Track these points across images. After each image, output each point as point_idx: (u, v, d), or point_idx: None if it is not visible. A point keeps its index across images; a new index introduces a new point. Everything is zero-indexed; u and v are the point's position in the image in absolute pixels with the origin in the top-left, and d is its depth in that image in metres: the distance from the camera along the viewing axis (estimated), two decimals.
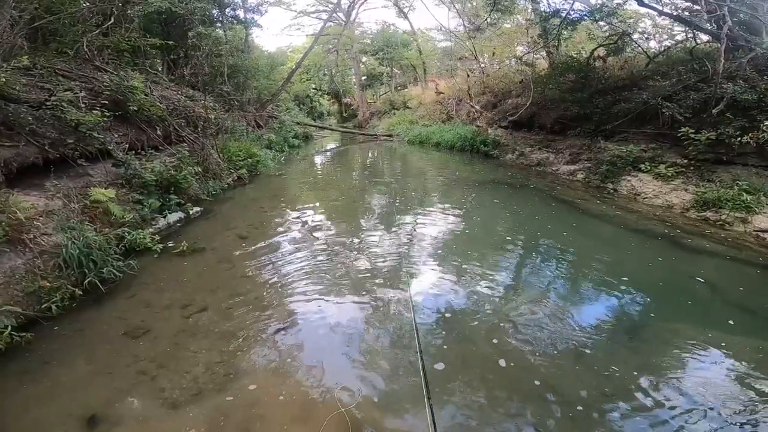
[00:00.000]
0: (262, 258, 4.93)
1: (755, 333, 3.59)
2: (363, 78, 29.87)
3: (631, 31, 12.42)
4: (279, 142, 13.31)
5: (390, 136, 18.87)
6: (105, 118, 5.48)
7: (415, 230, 6.28)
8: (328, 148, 18.08)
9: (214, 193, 7.45)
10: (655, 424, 2.53)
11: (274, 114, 15.68)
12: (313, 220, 6.53)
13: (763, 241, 5.71)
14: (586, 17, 12.31)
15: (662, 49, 11.70)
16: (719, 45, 8.33)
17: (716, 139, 7.40)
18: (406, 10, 23.12)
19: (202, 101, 9.14)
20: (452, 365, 3.02)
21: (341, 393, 2.69)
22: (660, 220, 6.79)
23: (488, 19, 15.43)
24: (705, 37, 10.39)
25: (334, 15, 22.35)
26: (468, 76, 18.41)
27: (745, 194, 6.42)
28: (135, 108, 6.53)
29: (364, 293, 4.08)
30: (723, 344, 3.40)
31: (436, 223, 6.58)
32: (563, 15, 12.15)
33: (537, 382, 2.86)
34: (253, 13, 14.20)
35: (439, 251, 5.34)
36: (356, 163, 14.71)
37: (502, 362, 3.05)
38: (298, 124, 16.81)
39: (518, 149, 11.98)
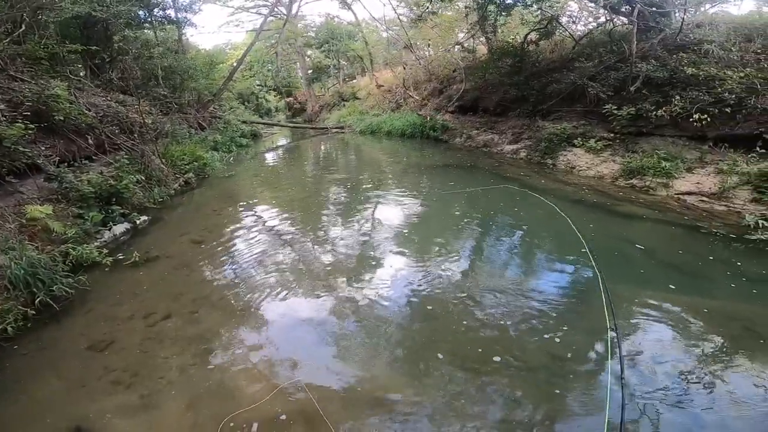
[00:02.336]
0: (222, 260, 4.97)
1: (689, 291, 4.03)
2: (309, 71, 29.45)
3: (560, 15, 13.29)
4: (226, 143, 12.98)
5: (341, 128, 18.95)
6: (29, 131, 5.17)
7: (375, 218, 6.55)
8: (279, 144, 17.81)
9: (160, 200, 7.24)
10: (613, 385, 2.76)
11: (218, 114, 15.21)
12: (270, 218, 6.60)
13: (684, 203, 6.59)
14: (519, 3, 13.09)
15: (586, 32, 12.70)
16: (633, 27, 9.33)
17: (636, 114, 8.35)
18: (349, 1, 23.03)
19: (136, 106, 8.75)
20: (422, 345, 3.26)
21: (317, 389, 2.78)
22: (594, 189, 7.59)
23: (430, 7, 15.90)
24: (622, 20, 11.47)
25: (275, 9, 21.79)
26: (404, 68, 18.87)
27: (664, 162, 7.33)
28: (61, 117, 6.18)
29: (331, 286, 4.22)
30: (665, 304, 3.75)
31: (394, 209, 6.90)
32: (498, 1, 12.84)
33: (500, 349, 3.13)
34: (186, 12, 13.56)
35: (401, 236, 5.61)
36: (309, 157, 14.70)
37: (470, 334, 3.35)
38: (244, 122, 16.38)
39: (465, 132, 12.65)
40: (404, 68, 19.09)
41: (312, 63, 29.95)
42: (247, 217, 6.74)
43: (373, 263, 4.79)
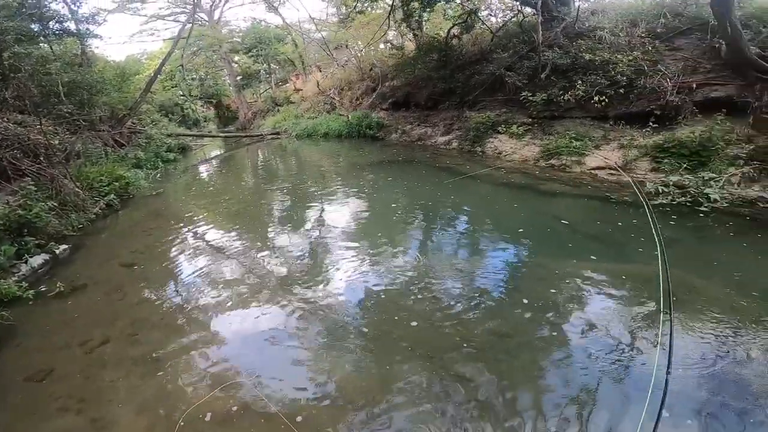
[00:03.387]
0: (159, 281, 4.87)
1: (608, 259, 4.57)
2: (238, 78, 28.56)
3: (479, 9, 14.08)
4: (150, 159, 12.33)
5: (277, 133, 18.74)
6: None
7: (321, 221, 6.71)
8: (212, 156, 17.20)
9: (80, 226, 6.82)
10: (559, 352, 3.11)
11: (137, 129, 14.36)
12: (210, 233, 6.49)
13: (596, 177, 7.53)
14: None
15: (501, 24, 13.78)
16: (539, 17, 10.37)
17: (548, 99, 9.35)
18: (276, 4, 22.71)
19: (38, 126, 8.11)
20: (378, 339, 3.42)
21: (281, 401, 2.81)
22: (520, 172, 8.41)
23: (358, 6, 16.26)
24: (530, 10, 12.55)
25: (195, 16, 20.91)
26: (321, 70, 19.00)
27: (575, 141, 8.32)
28: None
29: (284, 294, 4.26)
30: (593, 274, 4.18)
31: (340, 210, 7.12)
32: None
33: (455, 337, 3.34)
34: (88, 23, 12.65)
35: (350, 236, 5.82)
36: (246, 166, 14.42)
37: (417, 323, 3.57)
38: (169, 136, 15.59)
39: (400, 128, 13.24)
40: (336, 69, 19.36)
41: (240, 69, 29.12)
42: (183, 234, 6.58)
43: (325, 266, 4.93)
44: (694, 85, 7.40)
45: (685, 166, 6.37)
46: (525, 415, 2.58)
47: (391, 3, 15.14)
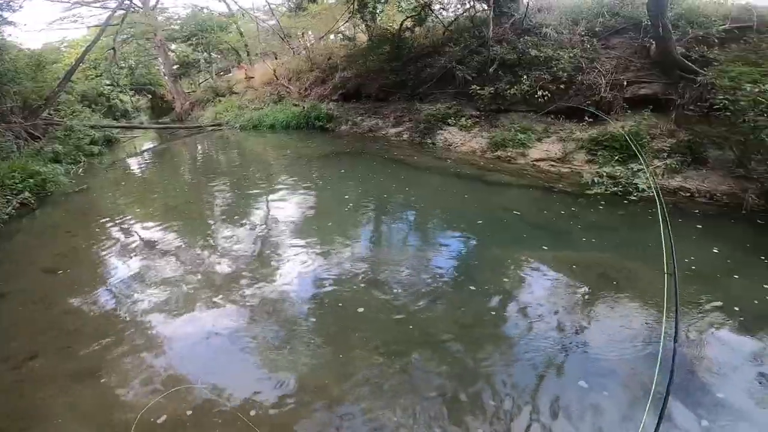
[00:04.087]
0: (89, 286, 4.55)
1: (555, 247, 4.90)
2: (175, 67, 26.90)
3: (432, 2, 14.28)
4: (70, 153, 11.37)
5: (219, 125, 17.98)
6: None
7: (269, 215, 6.62)
8: (144, 149, 16.14)
9: None
10: (511, 337, 3.36)
11: (54, 121, 13.21)
12: (145, 232, 6.15)
13: (539, 168, 8.10)
14: None
15: (453, 18, 14.22)
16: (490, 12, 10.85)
17: (495, 93, 9.86)
18: None
19: None
20: (333, 334, 3.48)
21: (236, 400, 2.80)
22: (469, 163, 8.82)
23: None
24: (482, 6, 13.03)
25: (128, 1, 19.38)
26: (276, 58, 18.64)
27: (519, 134, 8.87)
28: None
29: (232, 291, 4.18)
30: (542, 262, 4.49)
31: (289, 204, 7.04)
32: None
33: (411, 327, 3.47)
34: (3, 9, 11.57)
35: (300, 230, 5.81)
36: (184, 159, 13.72)
37: (372, 316, 3.65)
38: (93, 127, 14.44)
39: (351, 119, 13.32)
40: (285, 58, 18.90)
41: (178, 58, 27.48)
42: (113, 234, 6.18)
43: (274, 261, 4.90)
44: (625, 83, 8.19)
45: (616, 158, 7.05)
46: (486, 406, 2.70)
47: None
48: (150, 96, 29.03)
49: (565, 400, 2.71)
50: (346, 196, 7.23)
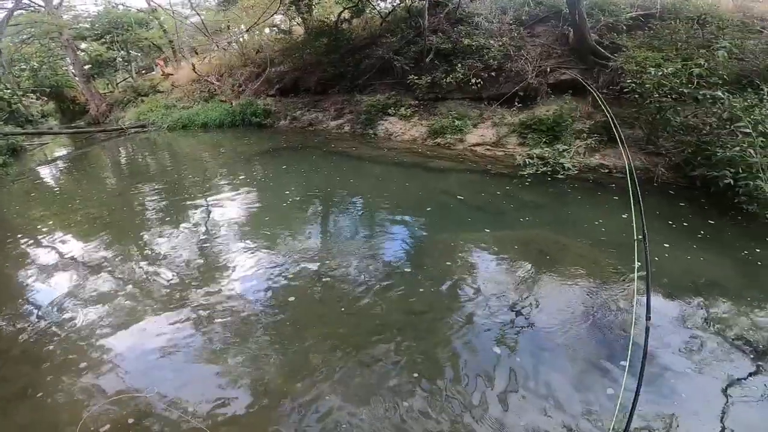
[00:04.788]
0: (7, 308, 4.18)
1: (495, 227, 5.26)
2: (87, 67, 24.97)
3: None
4: None
5: (143, 126, 17.01)
6: None
7: (210, 219, 6.37)
8: (57, 156, 14.90)
9: None
10: (462, 320, 3.48)
11: None
12: (68, 247, 5.61)
13: (476, 153, 8.58)
14: None
15: (390, 9, 14.55)
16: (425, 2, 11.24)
17: (432, 82, 10.31)
18: None
19: None
20: (288, 332, 3.46)
21: (195, 409, 2.75)
22: (410, 151, 9.15)
23: None
24: None
25: (25, 1, 17.69)
26: (197, 53, 17.92)
27: (456, 121, 9.34)
28: None
29: (177, 301, 4.02)
30: (486, 243, 4.76)
31: (229, 204, 6.82)
32: None
33: (365, 318, 3.56)
34: None
35: (244, 231, 5.66)
36: (105, 165, 12.84)
37: (327, 310, 3.69)
38: None
39: (289, 114, 13.29)
40: (215, 54, 18.26)
41: (90, 57, 25.51)
42: (29, 250, 5.62)
43: (220, 265, 4.74)
44: (549, 69, 8.93)
45: (544, 140, 7.68)
46: (445, 389, 2.83)
47: None
48: (58, 98, 26.75)
49: (517, 376, 2.92)
50: (289, 192, 7.21)
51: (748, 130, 5.02)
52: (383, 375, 2.96)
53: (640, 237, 3.29)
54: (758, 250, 4.43)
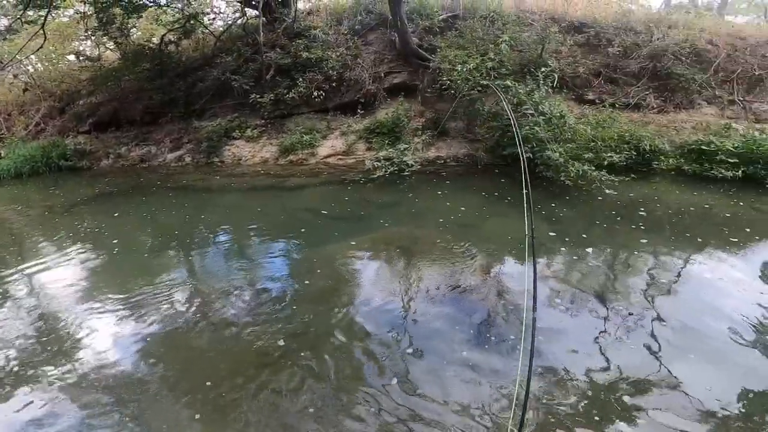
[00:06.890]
0: None
1: (361, 233, 5.93)
2: None
3: (201, 12, 14.50)
4: None
5: None
6: None
7: (37, 291, 5.37)
8: None
9: None
10: (345, 330, 3.84)
11: None
12: None
13: (330, 164, 9.32)
14: (151, 3, 13.70)
15: (225, 27, 14.72)
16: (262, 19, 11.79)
17: (276, 99, 10.90)
18: None
19: None
20: (170, 382, 3.43)
21: None
22: (264, 174, 9.50)
23: (23, 17, 13.80)
24: (252, 12, 13.86)
25: None
26: None
27: (305, 136, 10.04)
28: None
29: (29, 381, 3.54)
30: (355, 250, 5.33)
31: (62, 268, 5.92)
32: (124, 3, 12.94)
33: (249, 350, 3.69)
34: None
35: (91, 294, 5.04)
36: None
37: (210, 352, 3.72)
38: None
39: (113, 151, 12.39)
40: None
41: None
42: None
43: (71, 332, 4.25)
44: (383, 74, 10.26)
45: (387, 142, 8.80)
46: (341, 399, 3.12)
47: (82, 10, 13.77)
48: None
49: (406, 369, 3.36)
50: (136, 240, 6.67)
51: (531, 112, 6.63)
52: (280, 401, 3.15)
53: (528, 234, 3.79)
54: (558, 209, 5.94)
